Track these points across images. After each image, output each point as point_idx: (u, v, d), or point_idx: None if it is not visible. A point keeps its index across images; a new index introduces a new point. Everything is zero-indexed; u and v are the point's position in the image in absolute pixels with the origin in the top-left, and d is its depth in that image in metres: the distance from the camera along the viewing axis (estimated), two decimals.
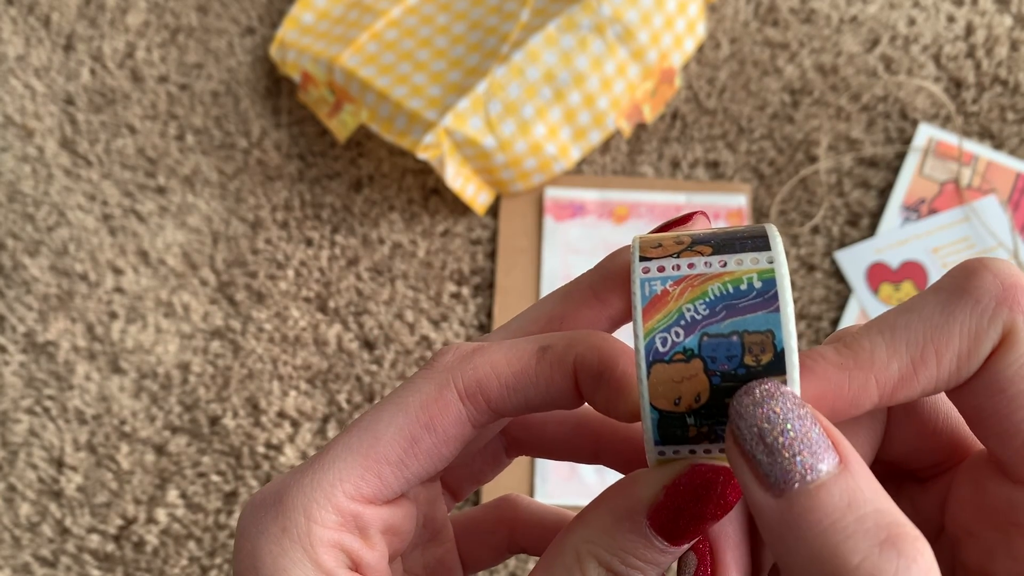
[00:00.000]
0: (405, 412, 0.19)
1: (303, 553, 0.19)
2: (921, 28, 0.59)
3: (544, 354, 0.19)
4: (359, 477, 0.19)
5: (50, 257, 0.55)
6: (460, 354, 0.20)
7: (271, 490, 0.19)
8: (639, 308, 0.17)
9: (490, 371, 0.19)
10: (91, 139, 0.58)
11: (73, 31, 0.61)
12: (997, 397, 0.17)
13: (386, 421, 0.19)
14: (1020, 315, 0.17)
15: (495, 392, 0.19)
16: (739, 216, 0.54)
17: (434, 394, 0.19)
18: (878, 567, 0.15)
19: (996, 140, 0.56)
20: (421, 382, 0.20)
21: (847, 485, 0.15)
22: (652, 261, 0.18)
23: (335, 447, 0.19)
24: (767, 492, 0.16)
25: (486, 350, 0.20)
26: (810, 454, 0.16)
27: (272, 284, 0.54)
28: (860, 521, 0.15)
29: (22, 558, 0.48)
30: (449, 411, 0.19)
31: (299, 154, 0.57)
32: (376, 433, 0.19)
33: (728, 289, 0.17)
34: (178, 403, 0.51)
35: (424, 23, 0.57)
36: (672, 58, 0.56)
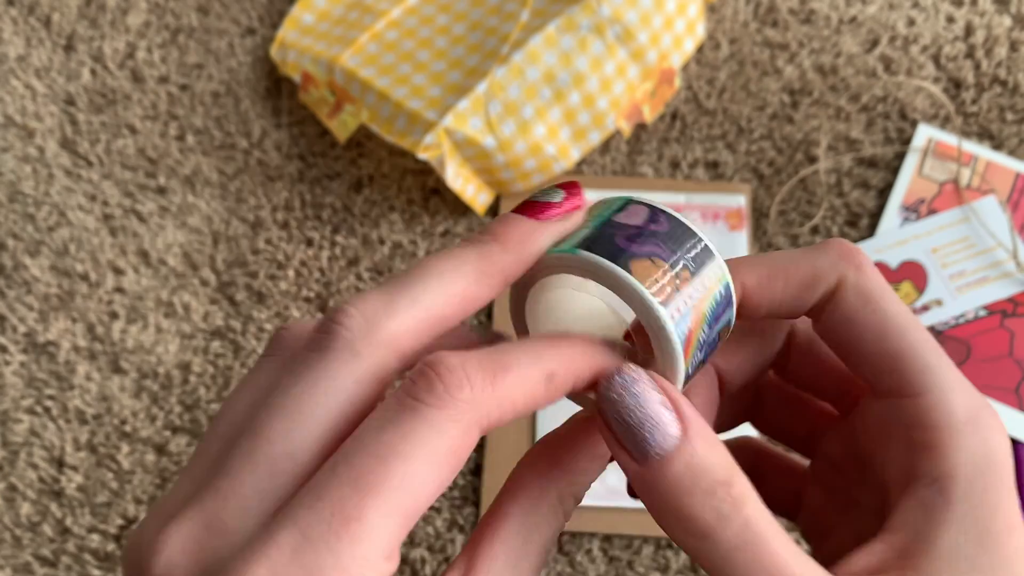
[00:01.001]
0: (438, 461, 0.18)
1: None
2: (920, 28, 0.59)
3: (551, 382, 0.20)
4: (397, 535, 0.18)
5: (51, 257, 0.55)
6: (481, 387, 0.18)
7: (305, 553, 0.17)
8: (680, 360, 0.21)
9: (511, 407, 0.19)
10: (92, 139, 0.58)
11: (74, 31, 0.61)
12: (844, 328, 0.22)
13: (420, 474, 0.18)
14: (853, 269, 0.22)
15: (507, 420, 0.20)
16: (738, 216, 0.54)
17: (463, 436, 0.18)
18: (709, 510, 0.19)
19: (995, 140, 0.56)
20: (448, 425, 0.18)
21: (687, 452, 0.19)
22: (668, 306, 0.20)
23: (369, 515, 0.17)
24: (631, 460, 0.20)
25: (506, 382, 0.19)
26: (658, 431, 0.19)
27: (272, 284, 0.54)
28: (696, 479, 0.19)
29: (23, 558, 0.49)
30: (473, 444, 0.19)
31: (299, 154, 0.57)
32: (414, 491, 0.18)
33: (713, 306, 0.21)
34: (179, 403, 0.52)
35: (424, 24, 0.57)
36: (672, 58, 0.56)
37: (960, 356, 0.50)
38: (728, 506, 0.19)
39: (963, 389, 0.22)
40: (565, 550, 0.48)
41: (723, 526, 0.19)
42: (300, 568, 0.16)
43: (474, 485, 0.49)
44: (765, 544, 0.19)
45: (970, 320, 0.51)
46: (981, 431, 0.21)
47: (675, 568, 0.47)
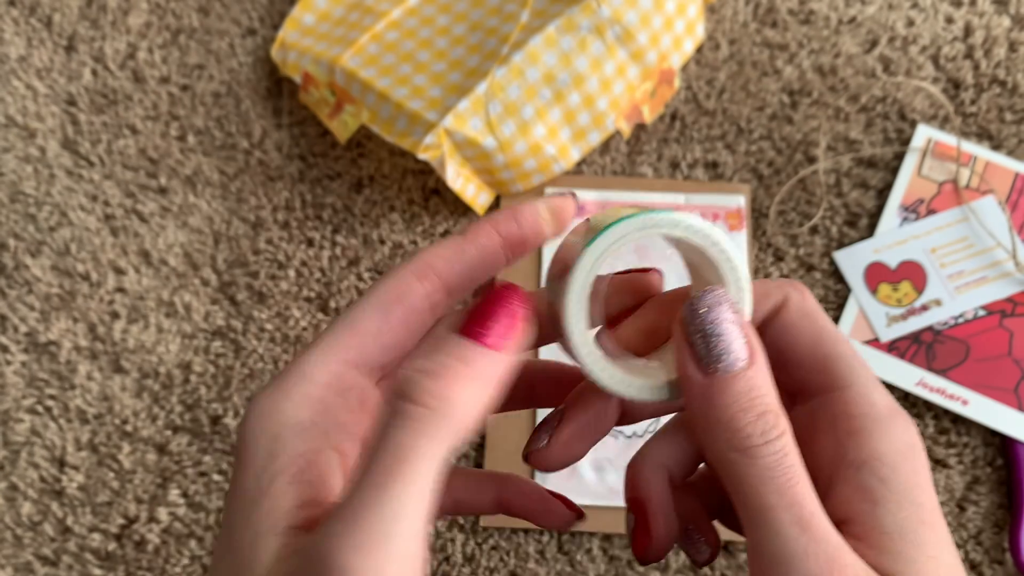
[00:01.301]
0: (376, 296, 0.24)
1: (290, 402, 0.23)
2: (920, 29, 0.59)
3: (467, 229, 0.25)
4: (346, 346, 0.24)
5: (52, 257, 0.55)
6: (409, 257, 0.25)
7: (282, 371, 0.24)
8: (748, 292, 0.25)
9: (432, 254, 0.24)
10: (93, 140, 0.58)
11: (75, 32, 0.61)
12: (786, 336, 0.26)
13: (361, 307, 0.24)
14: (796, 292, 0.26)
15: (442, 264, 0.24)
16: (738, 216, 0.54)
17: (393, 279, 0.24)
18: (758, 429, 0.22)
19: (994, 141, 0.56)
20: (381, 280, 0.25)
21: (749, 376, 0.23)
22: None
23: (323, 335, 0.24)
24: (698, 370, 0.23)
25: (428, 247, 0.25)
26: (732, 350, 0.23)
27: (273, 284, 0.54)
28: (751, 402, 0.22)
29: (24, 557, 0.49)
30: (410, 287, 0.24)
31: (300, 155, 0.57)
32: (355, 317, 0.24)
33: None
34: (179, 403, 0.52)
35: (424, 25, 0.57)
36: (671, 59, 0.56)
37: (959, 356, 0.51)
38: (775, 431, 0.22)
39: (883, 391, 0.25)
40: (565, 549, 0.48)
41: (765, 446, 0.22)
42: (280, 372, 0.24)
43: None
44: (794, 472, 0.22)
45: (969, 320, 0.51)
46: (901, 422, 0.24)
47: (675, 568, 0.47)
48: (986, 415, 0.49)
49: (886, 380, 0.50)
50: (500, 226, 0.25)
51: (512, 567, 0.48)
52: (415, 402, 0.20)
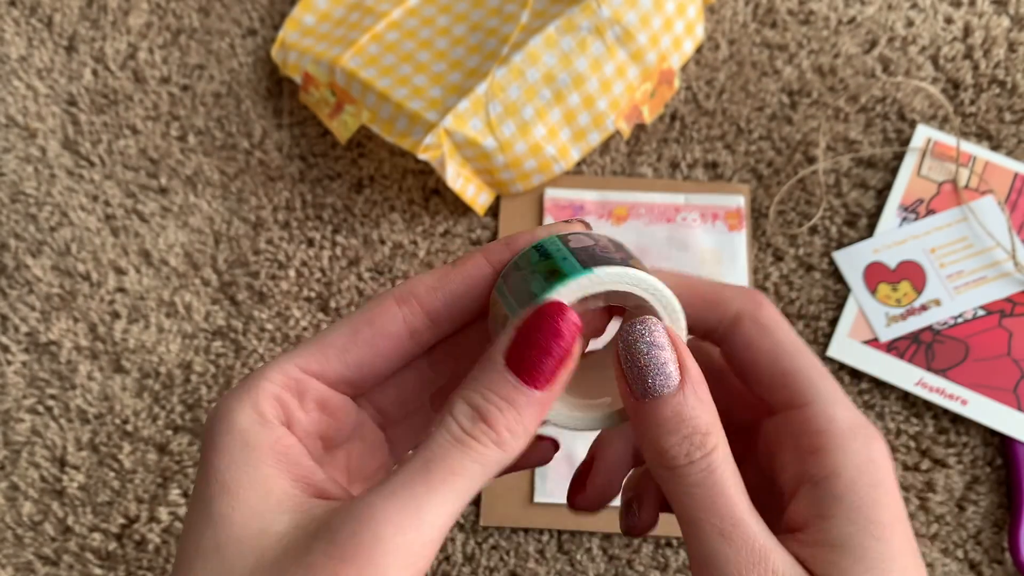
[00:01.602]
0: (352, 316, 0.25)
1: (248, 399, 0.24)
2: (919, 29, 0.59)
3: (455, 261, 0.26)
4: (308, 355, 0.25)
5: (52, 257, 0.55)
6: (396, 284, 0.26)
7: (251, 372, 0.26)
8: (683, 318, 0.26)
9: (417, 281, 0.25)
10: (93, 140, 0.58)
11: (75, 32, 0.61)
12: (744, 353, 0.26)
13: (335, 325, 0.25)
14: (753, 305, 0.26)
15: (423, 293, 0.25)
16: (737, 216, 0.54)
17: (375, 302, 0.25)
18: (682, 451, 0.23)
19: (994, 141, 0.56)
20: (369, 303, 0.26)
21: (676, 401, 0.23)
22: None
23: (296, 346, 0.25)
24: (631, 397, 0.24)
25: (414, 276, 0.26)
26: (660, 377, 0.23)
27: (274, 284, 0.54)
28: (677, 425, 0.23)
29: (24, 557, 0.49)
30: (386, 310, 0.25)
31: (300, 155, 0.57)
32: (329, 330, 0.25)
33: None
34: (180, 402, 0.52)
35: (425, 25, 0.57)
36: (671, 59, 0.56)
37: (958, 356, 0.51)
38: (698, 451, 0.23)
39: (845, 405, 0.25)
40: (565, 548, 0.48)
41: (690, 466, 0.23)
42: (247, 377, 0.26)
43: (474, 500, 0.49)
44: (721, 486, 0.23)
45: (968, 320, 0.51)
46: (861, 437, 0.25)
47: (674, 567, 0.48)
48: (985, 415, 0.49)
49: (885, 380, 0.50)
50: (491, 255, 0.26)
51: (512, 566, 0.48)
52: (470, 435, 0.22)
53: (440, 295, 0.25)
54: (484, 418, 0.22)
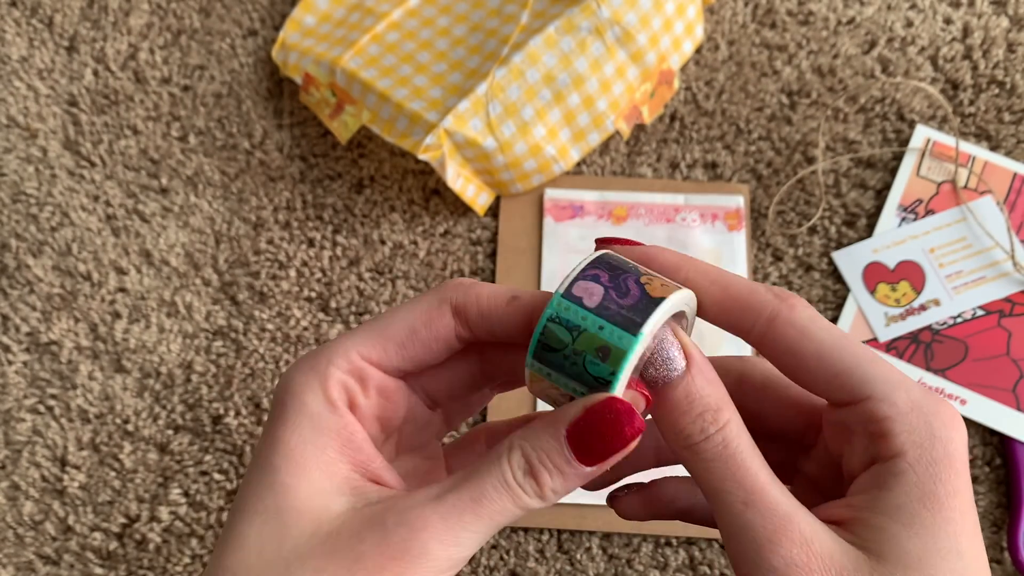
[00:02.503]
0: (412, 311, 0.27)
1: (318, 382, 0.26)
2: (918, 30, 0.59)
3: (514, 300, 0.27)
4: (370, 345, 0.27)
5: (53, 257, 0.55)
6: (459, 283, 0.27)
7: (313, 351, 0.27)
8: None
9: (475, 300, 0.27)
10: (94, 140, 0.58)
11: (76, 33, 0.61)
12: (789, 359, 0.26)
13: (397, 315, 0.27)
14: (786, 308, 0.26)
15: (473, 315, 0.27)
16: (737, 216, 0.54)
17: (435, 303, 0.27)
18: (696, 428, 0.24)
19: (993, 141, 0.56)
20: (429, 295, 0.27)
21: (685, 384, 0.25)
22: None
23: (358, 328, 0.27)
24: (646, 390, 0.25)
25: (477, 286, 0.27)
26: (667, 366, 0.25)
27: (274, 284, 0.54)
28: (689, 406, 0.25)
29: (25, 556, 0.49)
30: (443, 317, 0.27)
31: (301, 155, 0.58)
32: (388, 322, 0.27)
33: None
34: (181, 402, 0.52)
35: (425, 26, 0.57)
36: (671, 60, 0.57)
37: (957, 355, 0.51)
38: (712, 426, 0.24)
39: (904, 386, 0.25)
40: (564, 548, 0.48)
41: (705, 442, 0.24)
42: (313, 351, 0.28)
43: None
44: (738, 458, 0.24)
45: (967, 320, 0.52)
46: (924, 416, 0.25)
47: (674, 566, 0.48)
48: (984, 415, 0.49)
49: None
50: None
51: (512, 566, 0.48)
52: (519, 485, 0.25)
53: (485, 324, 0.27)
54: (535, 476, 0.25)
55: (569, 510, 0.48)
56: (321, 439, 0.25)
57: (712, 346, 0.52)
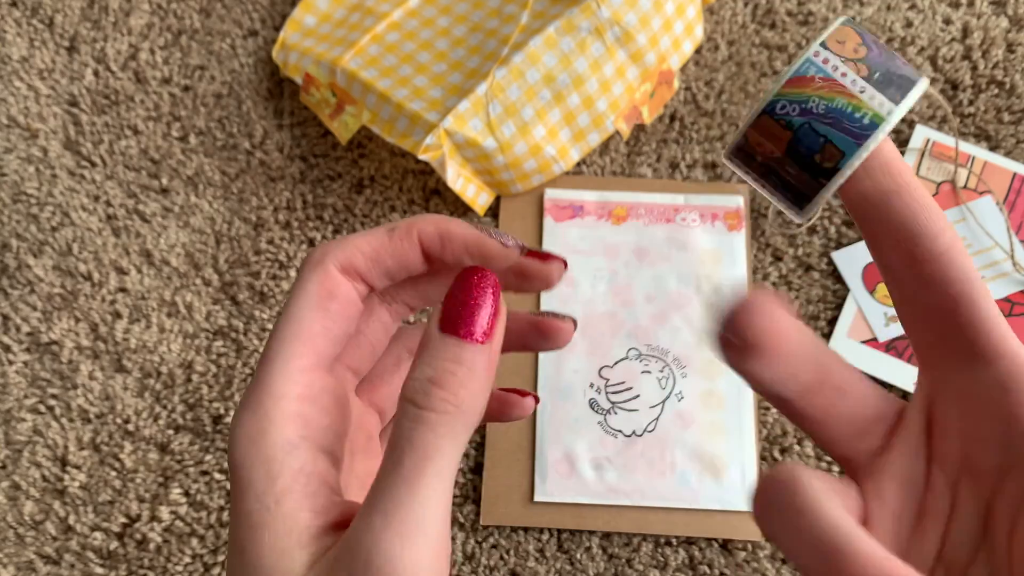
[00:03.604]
0: (309, 295, 0.25)
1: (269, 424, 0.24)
2: (918, 30, 0.59)
3: (393, 232, 0.25)
4: (301, 352, 0.24)
5: (54, 257, 0.55)
6: (327, 243, 0.26)
7: (245, 393, 0.24)
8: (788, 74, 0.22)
9: (355, 250, 0.25)
10: (95, 140, 0.58)
11: (76, 33, 0.61)
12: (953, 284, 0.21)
13: (300, 307, 0.25)
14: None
15: (362, 265, 0.25)
16: (737, 216, 0.54)
17: (322, 274, 0.25)
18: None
19: (992, 141, 0.56)
20: (307, 273, 0.25)
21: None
22: (825, 52, 0.22)
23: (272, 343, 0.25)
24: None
25: (348, 237, 0.26)
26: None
27: (275, 284, 0.54)
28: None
29: (26, 556, 0.49)
30: (338, 282, 0.25)
31: (301, 155, 0.58)
32: (297, 318, 0.25)
33: (848, 108, 0.22)
34: (181, 402, 0.52)
35: (425, 26, 0.57)
36: (670, 60, 0.57)
37: None
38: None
39: None
40: (564, 547, 0.48)
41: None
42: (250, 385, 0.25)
43: (474, 484, 0.49)
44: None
45: None
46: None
47: (673, 566, 0.48)
48: None
49: (884, 380, 0.50)
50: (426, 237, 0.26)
51: (512, 565, 0.48)
52: (432, 409, 0.22)
53: (378, 269, 0.26)
54: (439, 383, 0.22)
55: (569, 510, 0.48)
56: (276, 488, 0.23)
57: None
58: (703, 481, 0.48)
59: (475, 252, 0.26)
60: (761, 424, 0.50)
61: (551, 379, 0.51)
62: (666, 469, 0.49)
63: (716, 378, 0.51)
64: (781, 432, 0.50)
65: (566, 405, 0.50)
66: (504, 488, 0.49)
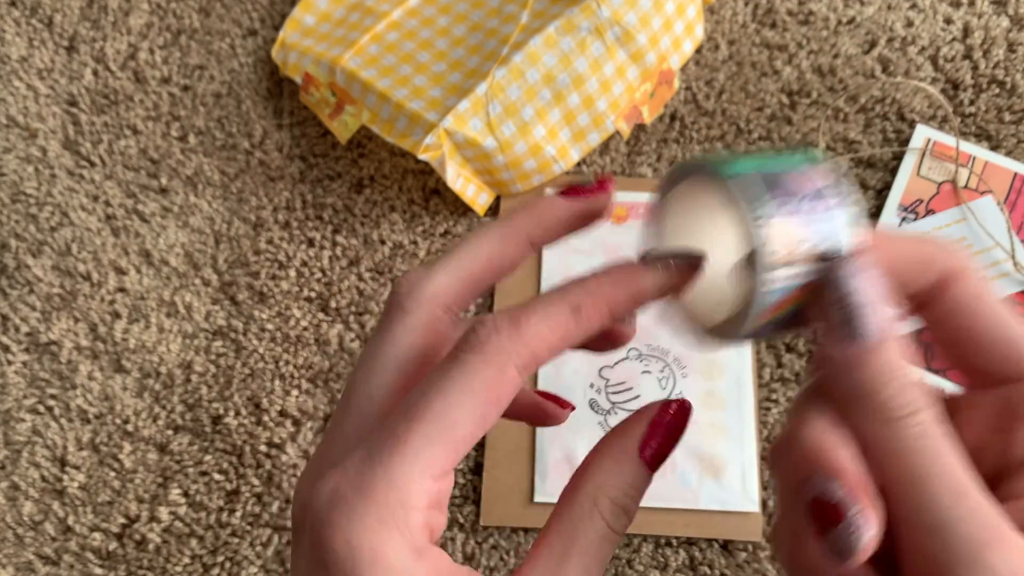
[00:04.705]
0: (474, 396, 0.22)
1: (401, 538, 0.21)
2: (918, 30, 0.59)
3: (578, 314, 0.23)
4: (443, 461, 0.21)
5: (53, 257, 0.55)
6: (508, 335, 0.22)
7: (354, 482, 0.21)
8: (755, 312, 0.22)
9: (541, 344, 0.22)
10: (94, 140, 0.58)
11: (76, 33, 0.61)
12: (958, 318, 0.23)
13: (457, 406, 0.21)
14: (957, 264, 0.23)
15: (545, 358, 0.23)
16: None
17: (497, 376, 0.22)
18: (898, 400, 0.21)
19: (993, 141, 0.56)
20: (482, 366, 0.22)
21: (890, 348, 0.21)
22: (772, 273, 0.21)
23: (412, 436, 0.21)
24: (838, 341, 0.21)
25: (530, 325, 0.22)
26: (878, 317, 0.21)
27: (274, 284, 0.54)
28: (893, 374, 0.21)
29: (25, 556, 0.49)
30: (511, 386, 0.22)
31: (301, 155, 0.58)
32: (452, 420, 0.21)
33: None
34: (180, 402, 0.52)
35: (425, 25, 0.57)
36: (671, 60, 0.57)
37: None
38: (918, 402, 0.21)
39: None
40: None
41: (911, 417, 0.21)
42: (360, 476, 0.21)
43: (474, 484, 0.49)
44: (943, 444, 0.21)
45: None
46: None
47: (674, 566, 0.48)
48: None
49: None
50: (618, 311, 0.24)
51: (512, 566, 0.48)
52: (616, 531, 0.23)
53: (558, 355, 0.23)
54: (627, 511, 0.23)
55: None
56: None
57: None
58: (703, 481, 0.48)
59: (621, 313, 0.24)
60: (761, 424, 0.50)
61: (551, 379, 0.51)
62: (666, 469, 0.49)
63: (716, 378, 0.51)
64: None
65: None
66: (504, 488, 0.49)
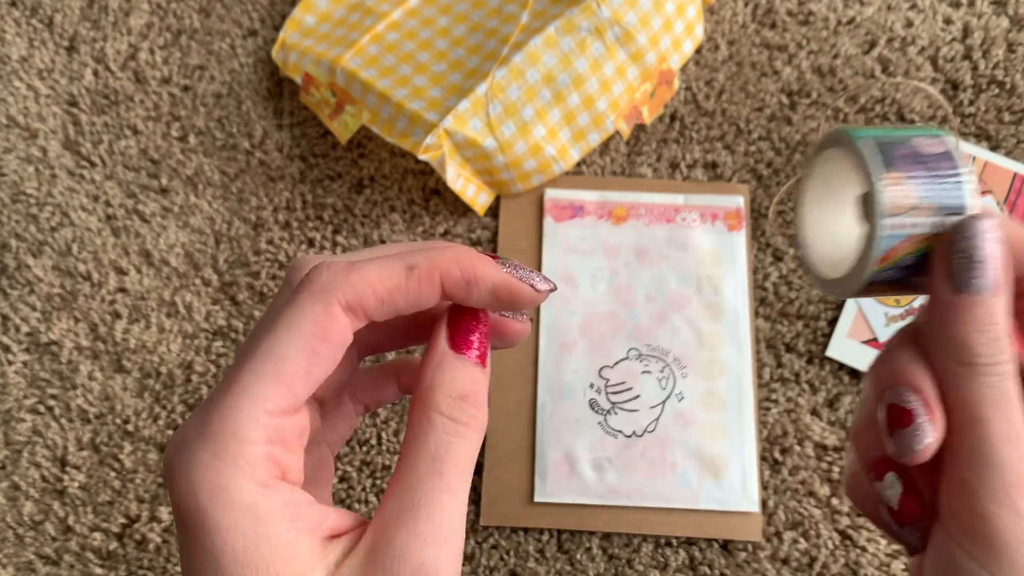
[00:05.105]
0: (301, 332, 0.23)
1: (238, 471, 0.21)
2: (918, 30, 0.59)
3: (412, 272, 0.24)
4: (275, 395, 0.22)
5: (53, 257, 0.55)
6: (336, 272, 0.23)
7: (193, 425, 0.22)
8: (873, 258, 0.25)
9: (367, 288, 0.23)
10: (94, 140, 0.58)
11: (76, 33, 0.61)
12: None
13: (286, 343, 0.22)
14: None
15: (372, 305, 0.23)
16: (737, 216, 0.54)
17: (323, 311, 0.23)
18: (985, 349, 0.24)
19: (993, 141, 0.56)
20: (308, 303, 0.23)
21: (992, 303, 0.24)
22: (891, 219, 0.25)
23: (242, 374, 0.22)
24: (948, 286, 0.24)
25: (360, 269, 0.23)
26: (986, 275, 0.24)
27: (274, 284, 0.54)
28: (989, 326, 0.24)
29: (25, 556, 0.49)
30: (338, 323, 0.23)
31: (301, 155, 0.58)
32: (280, 355, 0.22)
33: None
34: (181, 402, 0.52)
35: (425, 26, 0.57)
36: (671, 60, 0.57)
37: None
38: (1002, 355, 0.24)
39: None
40: (564, 548, 0.48)
41: (992, 367, 0.24)
42: (197, 419, 0.22)
43: (475, 484, 0.49)
44: (1011, 396, 0.24)
45: None
46: None
47: (674, 567, 0.48)
48: None
49: None
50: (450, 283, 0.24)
51: (512, 566, 0.48)
52: (467, 424, 0.24)
53: (388, 309, 0.24)
54: (468, 401, 0.24)
55: (569, 510, 0.48)
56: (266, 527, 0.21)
57: (715, 345, 0.52)
58: (703, 482, 0.48)
59: (505, 298, 0.25)
60: (761, 424, 0.50)
61: (551, 379, 0.51)
62: (666, 470, 0.49)
63: (716, 378, 0.51)
64: (781, 432, 0.50)
65: (566, 405, 0.50)
66: (504, 488, 0.49)
